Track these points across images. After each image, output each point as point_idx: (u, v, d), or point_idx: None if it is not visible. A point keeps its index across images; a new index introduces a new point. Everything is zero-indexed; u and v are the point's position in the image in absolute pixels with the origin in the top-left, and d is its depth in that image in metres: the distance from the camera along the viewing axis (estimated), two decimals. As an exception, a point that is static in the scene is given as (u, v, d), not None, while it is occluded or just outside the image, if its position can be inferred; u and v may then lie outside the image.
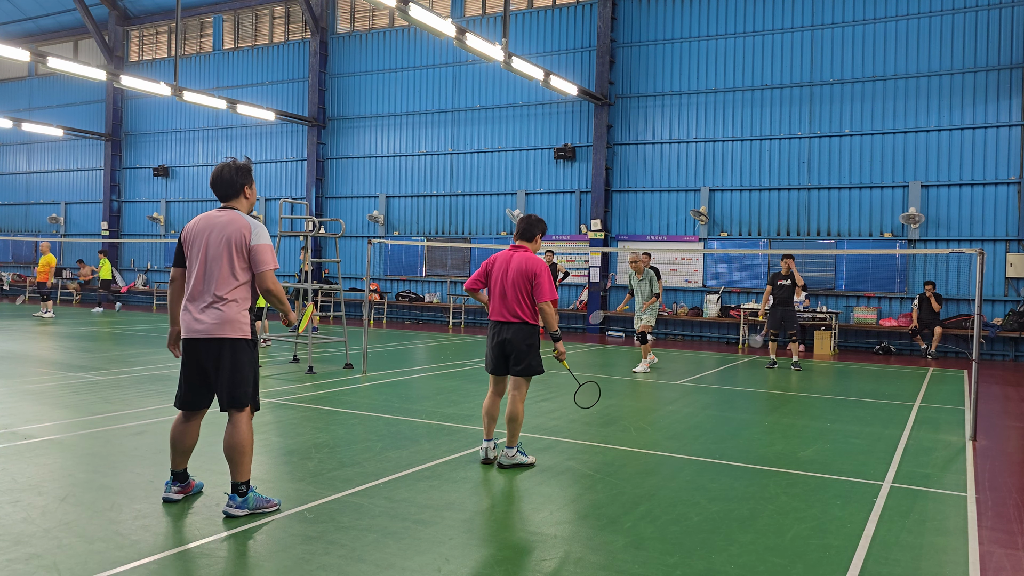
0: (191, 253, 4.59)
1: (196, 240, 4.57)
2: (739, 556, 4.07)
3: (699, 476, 5.73)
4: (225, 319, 4.47)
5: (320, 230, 21.11)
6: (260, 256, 4.50)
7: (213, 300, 4.47)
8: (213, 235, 4.51)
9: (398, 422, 7.35)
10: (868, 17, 16.58)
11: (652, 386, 10.44)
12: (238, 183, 4.63)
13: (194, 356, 4.56)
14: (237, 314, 4.51)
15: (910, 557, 4.16)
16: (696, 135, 18.28)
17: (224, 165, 4.65)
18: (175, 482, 4.73)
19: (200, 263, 4.52)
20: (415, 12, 12.01)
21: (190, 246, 4.59)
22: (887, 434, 7.45)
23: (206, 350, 4.51)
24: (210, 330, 4.46)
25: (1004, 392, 10.99)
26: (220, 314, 4.47)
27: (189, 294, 4.57)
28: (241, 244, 4.48)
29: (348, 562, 3.85)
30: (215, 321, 4.46)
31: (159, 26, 26.79)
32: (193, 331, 4.50)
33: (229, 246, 4.48)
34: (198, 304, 4.51)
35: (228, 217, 4.56)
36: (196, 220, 4.65)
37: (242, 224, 4.52)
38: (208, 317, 4.47)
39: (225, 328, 4.47)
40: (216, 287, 4.48)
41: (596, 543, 4.24)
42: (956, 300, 15.81)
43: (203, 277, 4.51)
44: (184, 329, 4.56)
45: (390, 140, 22.36)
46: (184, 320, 4.56)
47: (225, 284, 4.48)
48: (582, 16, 19.56)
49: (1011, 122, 15.41)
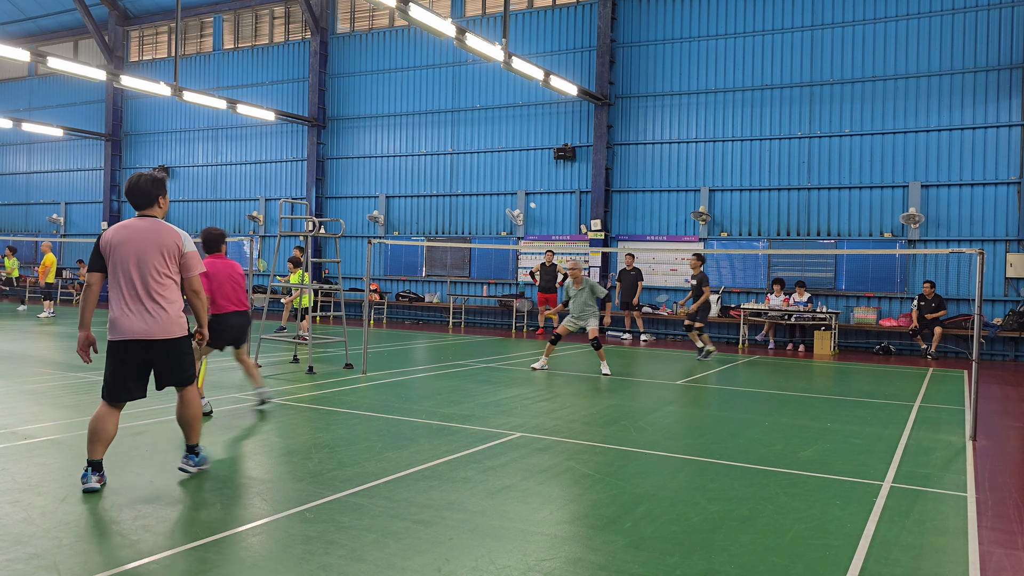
0: (115, 259, 4.88)
1: (122, 247, 4.87)
2: (739, 556, 4.07)
3: (699, 476, 5.73)
4: (170, 320, 4.91)
5: (320, 230, 21.12)
6: (191, 261, 5.02)
7: (154, 303, 4.87)
8: (144, 242, 4.88)
9: (398, 422, 7.35)
10: (868, 17, 16.59)
11: (652, 386, 10.44)
12: (153, 193, 5.03)
13: (135, 355, 4.91)
14: (177, 314, 4.97)
15: (910, 557, 4.16)
16: (696, 135, 18.28)
17: (140, 175, 5.03)
18: (95, 471, 4.92)
19: (132, 268, 4.85)
20: (415, 12, 12.01)
21: (113, 253, 4.88)
22: (887, 434, 7.45)
23: (149, 349, 4.90)
24: (156, 332, 4.87)
25: (1004, 392, 10.99)
26: (164, 315, 4.89)
27: (122, 298, 4.87)
28: (173, 250, 4.94)
29: (348, 562, 3.85)
30: (160, 323, 4.88)
31: (159, 26, 26.79)
32: (136, 333, 4.84)
33: (161, 251, 4.90)
34: (137, 307, 4.85)
35: (153, 224, 4.96)
36: (117, 228, 4.95)
37: (171, 232, 4.96)
38: (151, 320, 4.86)
39: (172, 328, 4.93)
40: (154, 291, 4.87)
41: (596, 543, 4.24)
42: (956, 300, 15.81)
43: (137, 281, 4.85)
44: (120, 331, 4.86)
45: (390, 140, 22.36)
46: (125, 323, 4.85)
47: (162, 287, 4.90)
48: (582, 16, 19.56)
49: (1011, 122, 15.41)
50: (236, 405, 8.02)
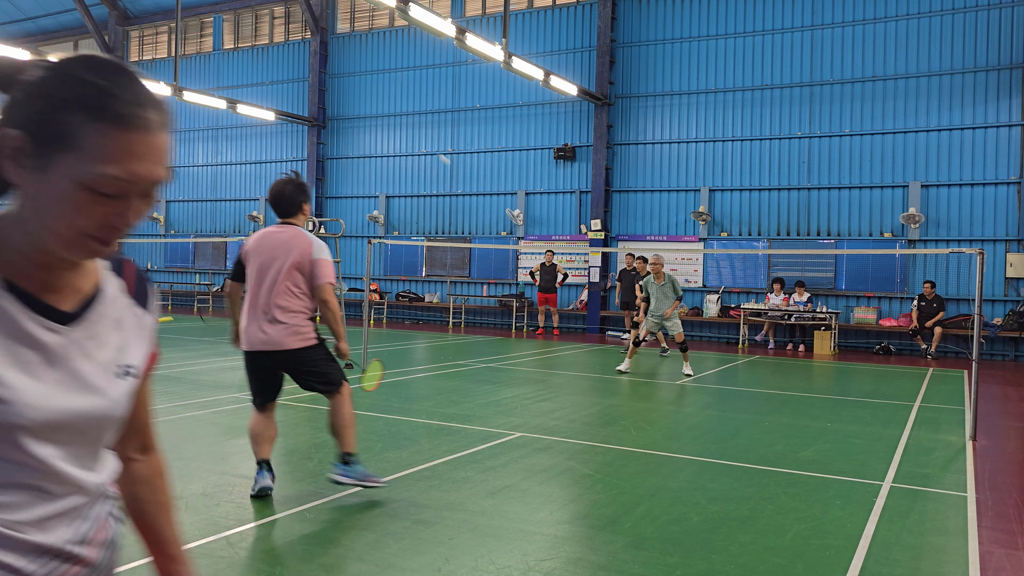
0: (250, 268, 4.81)
1: (258, 256, 4.79)
2: (739, 556, 4.07)
3: (699, 476, 5.73)
4: (292, 331, 4.72)
5: (320, 230, 21.12)
6: (320, 269, 4.75)
7: (279, 314, 4.70)
8: (278, 252, 4.74)
9: (398, 422, 7.35)
10: (868, 17, 16.58)
11: (652, 386, 10.44)
12: (299, 201, 4.89)
13: (262, 363, 4.81)
14: (302, 324, 4.76)
15: (910, 557, 4.16)
16: (696, 135, 18.28)
17: (285, 182, 4.90)
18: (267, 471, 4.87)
19: (262, 278, 4.75)
20: (415, 12, 12.01)
21: (251, 261, 4.82)
22: (887, 434, 7.45)
23: (274, 359, 4.76)
24: (280, 343, 4.70)
25: (1004, 392, 10.99)
26: (287, 329, 4.70)
27: (252, 307, 4.78)
28: (305, 259, 4.73)
29: (348, 562, 3.85)
30: (282, 334, 4.70)
31: (159, 26, 26.79)
32: (261, 343, 4.72)
33: (294, 262, 4.72)
34: (263, 318, 4.73)
35: (291, 234, 4.80)
36: (257, 236, 4.88)
37: (305, 240, 4.78)
38: (274, 331, 4.70)
39: (295, 340, 4.73)
40: (277, 303, 4.71)
41: (596, 543, 4.24)
42: (956, 300, 15.81)
43: (264, 292, 4.73)
44: (248, 342, 4.78)
45: (390, 140, 22.36)
46: (247, 332, 4.78)
47: (288, 299, 4.72)
48: (582, 16, 19.56)
49: (1011, 122, 15.41)
50: (237, 406, 8.02)
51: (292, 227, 4.86)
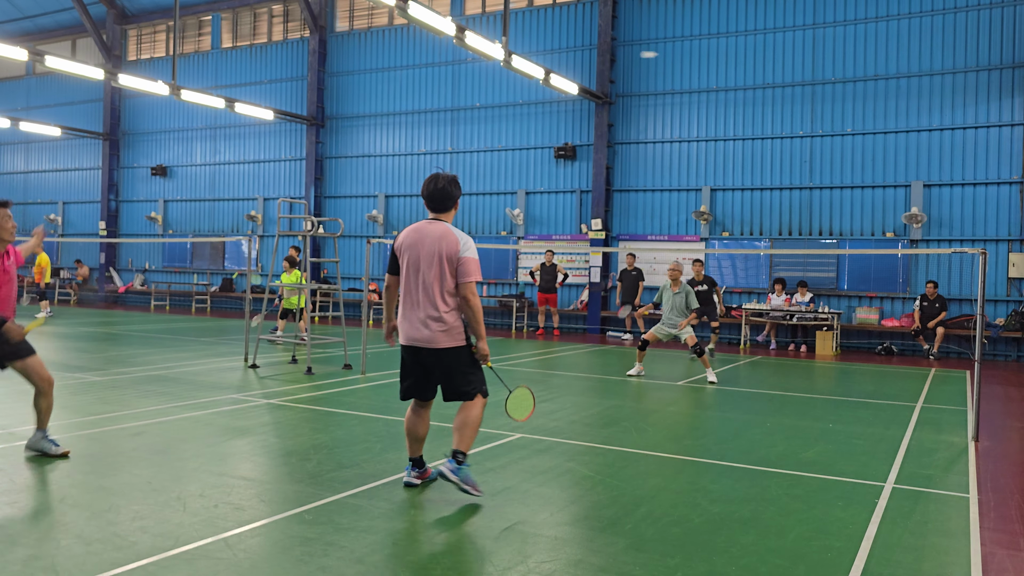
0: (403, 263, 4.91)
1: (410, 251, 4.87)
2: (741, 558, 4.05)
3: (700, 477, 5.71)
4: (445, 330, 4.79)
5: (319, 230, 21.08)
6: (466, 267, 4.78)
7: (432, 311, 4.79)
8: (428, 248, 4.80)
9: (397, 423, 7.32)
10: (870, 16, 16.55)
11: (652, 387, 10.41)
12: (453, 195, 4.95)
13: (415, 358, 4.91)
14: (455, 323, 4.82)
15: (912, 558, 4.13)
16: (697, 134, 18.25)
17: (439, 176, 4.93)
18: (414, 468, 5.09)
19: (415, 274, 4.84)
20: (414, 10, 11.97)
21: (403, 256, 4.91)
22: (889, 435, 7.42)
23: (428, 356, 4.85)
24: (431, 341, 4.79)
25: (1006, 393, 10.96)
26: (440, 325, 4.78)
27: (405, 302, 4.89)
28: (454, 256, 4.77)
29: (347, 564, 3.82)
30: (435, 332, 4.78)
31: (157, 25, 26.75)
32: (414, 340, 4.84)
33: (443, 259, 4.78)
34: (416, 314, 4.83)
35: (441, 231, 4.84)
36: (409, 231, 4.94)
37: (453, 237, 4.81)
38: (428, 328, 4.79)
39: (445, 338, 4.80)
40: (433, 298, 4.79)
41: (597, 545, 4.21)
42: (959, 300, 15.78)
43: (419, 287, 4.82)
44: (404, 336, 4.90)
45: (389, 139, 22.33)
46: (403, 327, 4.89)
47: (441, 295, 4.79)
48: (583, 14, 19.52)
49: (1013, 121, 15.37)
50: (235, 406, 7.99)
51: (443, 223, 4.90)
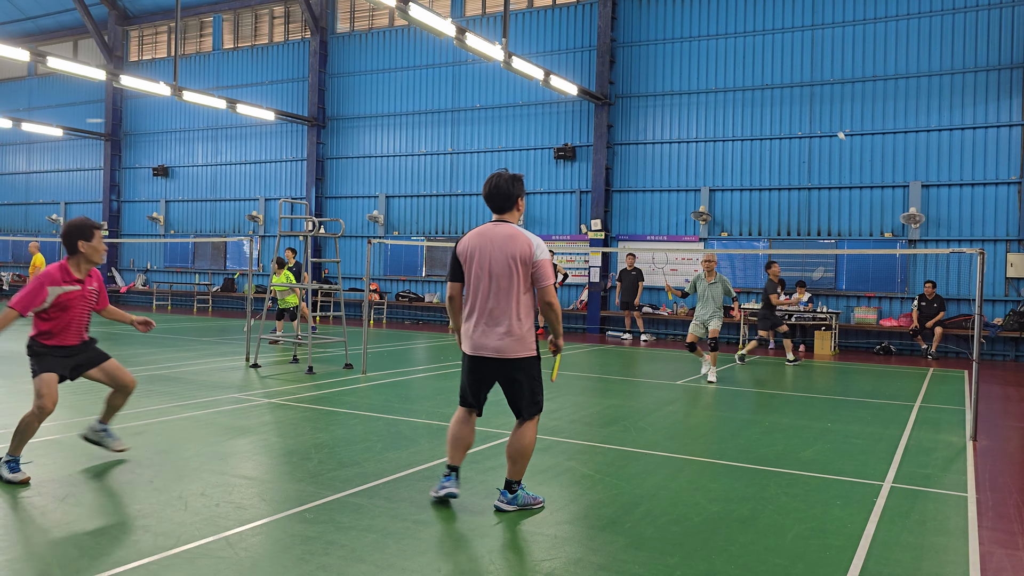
0: (471, 268, 4.59)
1: (477, 256, 4.57)
2: (739, 556, 4.07)
3: (699, 476, 5.73)
4: (516, 339, 4.53)
5: (320, 230, 21.11)
6: (543, 270, 4.51)
7: (505, 319, 4.52)
8: (496, 252, 4.52)
9: (398, 422, 7.34)
10: (868, 17, 16.57)
11: (652, 386, 10.43)
12: (514, 195, 4.64)
13: (479, 368, 4.66)
14: (527, 332, 4.57)
15: (910, 557, 4.15)
16: (696, 135, 18.27)
17: (499, 175, 4.64)
18: (455, 477, 4.80)
19: (483, 281, 4.55)
20: (415, 12, 12.00)
21: (469, 261, 4.60)
22: (888, 434, 7.44)
23: (494, 367, 4.60)
24: (502, 351, 4.53)
25: (1005, 392, 10.98)
26: (513, 334, 4.52)
27: (473, 309, 4.60)
28: (528, 260, 4.50)
29: (348, 562, 3.84)
30: (507, 342, 4.52)
31: (159, 26, 26.78)
32: (481, 349, 4.57)
33: (515, 262, 4.49)
34: (486, 322, 4.55)
35: (508, 232, 4.56)
36: (472, 235, 4.64)
37: (525, 239, 4.53)
38: (499, 338, 4.53)
39: (517, 348, 4.54)
40: (507, 305, 4.51)
41: (596, 543, 4.23)
42: (957, 300, 15.80)
43: (489, 294, 4.54)
44: (471, 346, 4.61)
45: (390, 140, 22.35)
46: (473, 337, 4.60)
47: (513, 302, 4.51)
48: (582, 16, 19.55)
49: (1011, 122, 15.39)
50: (236, 406, 8.01)
51: (509, 224, 4.62)
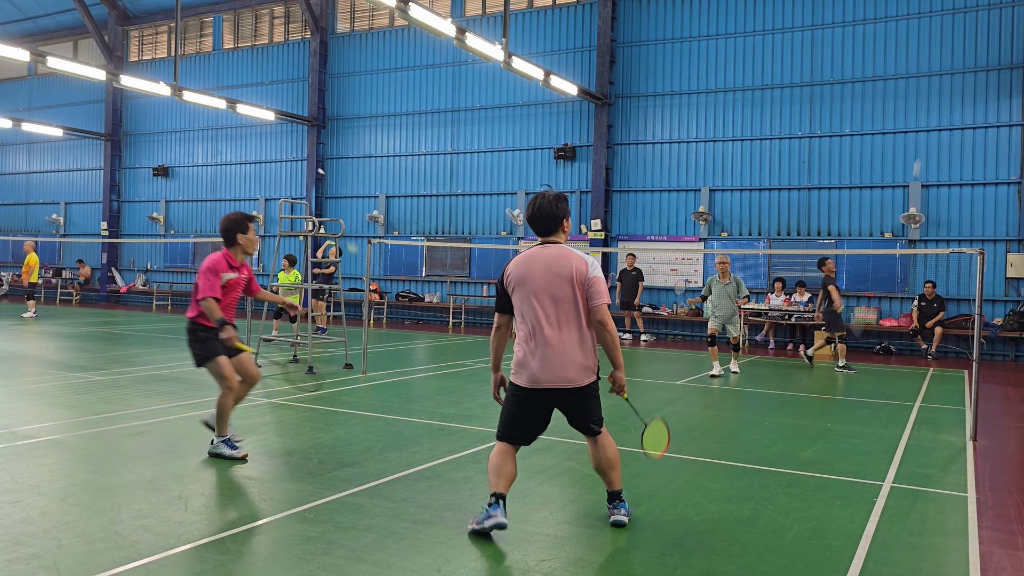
0: (519, 296, 4.39)
1: (527, 282, 4.35)
2: (739, 556, 4.07)
3: (699, 476, 5.73)
4: (584, 366, 4.35)
5: (320, 230, 21.11)
6: (598, 288, 4.31)
7: (573, 347, 4.32)
8: (550, 276, 4.32)
9: (398, 422, 7.35)
10: (868, 17, 16.57)
11: (652, 386, 10.43)
12: (559, 216, 4.44)
13: (541, 402, 4.42)
14: (590, 357, 4.38)
15: (910, 557, 4.15)
16: (696, 135, 18.27)
17: (542, 196, 4.44)
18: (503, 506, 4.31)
19: (538, 307, 4.34)
20: (415, 12, 12.00)
21: (519, 289, 4.38)
22: (887, 434, 7.44)
23: (563, 396, 4.40)
24: (571, 380, 4.34)
25: (1005, 392, 10.98)
26: (581, 362, 4.34)
27: (529, 338, 4.37)
28: (583, 279, 4.30)
29: (348, 562, 3.84)
30: (576, 370, 4.33)
31: (159, 26, 26.78)
32: (548, 382, 4.33)
33: (572, 284, 4.31)
34: (544, 351, 4.31)
35: (559, 253, 4.36)
36: (519, 260, 4.42)
37: (577, 259, 4.34)
38: (568, 366, 4.32)
39: (586, 375, 4.38)
40: (573, 331, 4.32)
41: (596, 543, 4.23)
42: (957, 300, 15.80)
43: (548, 323, 4.32)
44: (530, 379, 4.35)
45: (390, 140, 22.35)
46: (528, 367, 4.36)
47: (579, 326, 4.34)
48: (582, 16, 19.55)
49: (1011, 122, 15.40)
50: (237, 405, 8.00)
51: (558, 245, 4.42)
